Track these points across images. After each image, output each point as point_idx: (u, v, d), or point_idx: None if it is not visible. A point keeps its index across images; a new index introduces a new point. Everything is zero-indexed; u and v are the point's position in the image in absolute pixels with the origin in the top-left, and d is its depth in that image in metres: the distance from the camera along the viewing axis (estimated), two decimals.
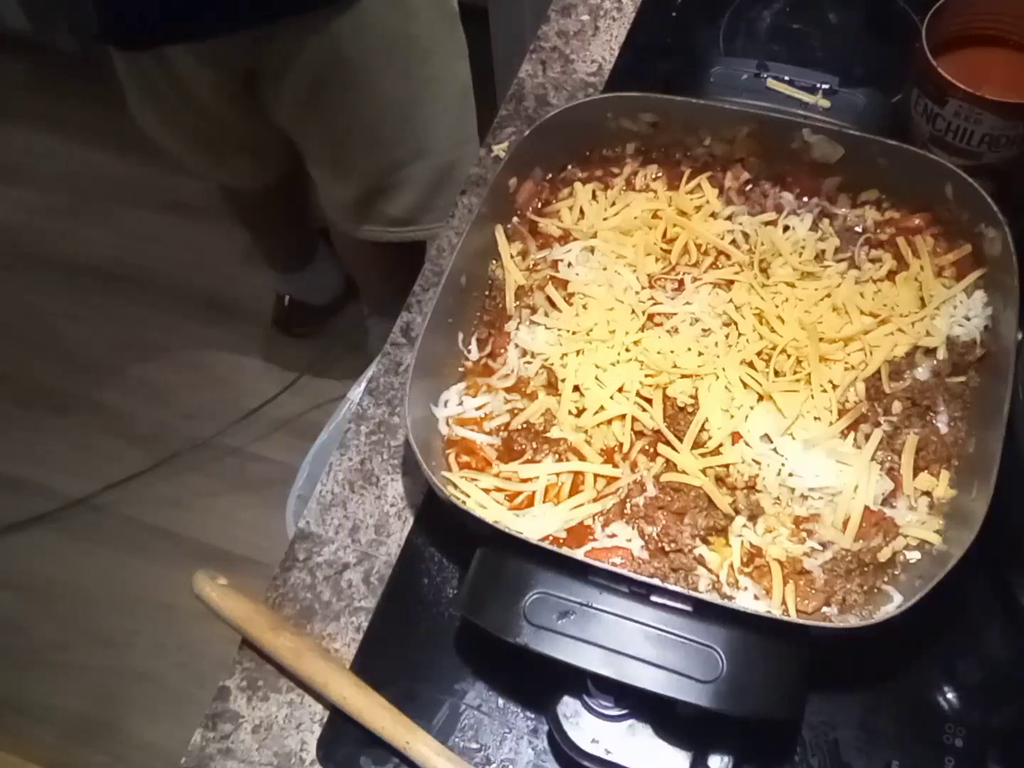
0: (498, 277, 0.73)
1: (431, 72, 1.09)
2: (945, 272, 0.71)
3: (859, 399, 0.66)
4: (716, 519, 0.62)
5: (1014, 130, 0.69)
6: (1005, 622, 0.64)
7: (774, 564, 0.60)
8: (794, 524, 0.62)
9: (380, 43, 1.03)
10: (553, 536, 0.62)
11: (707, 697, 0.53)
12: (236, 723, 0.64)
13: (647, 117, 0.74)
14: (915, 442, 0.64)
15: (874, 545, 0.61)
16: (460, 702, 0.63)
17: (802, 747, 0.61)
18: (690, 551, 0.61)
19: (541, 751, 0.62)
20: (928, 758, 0.60)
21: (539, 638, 0.55)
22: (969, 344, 0.67)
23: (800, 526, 0.62)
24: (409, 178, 1.16)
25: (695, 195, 0.75)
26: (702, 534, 0.62)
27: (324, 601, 0.68)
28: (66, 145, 2.06)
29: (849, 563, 0.60)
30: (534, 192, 0.76)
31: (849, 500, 0.62)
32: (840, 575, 0.60)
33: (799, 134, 0.71)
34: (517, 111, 0.89)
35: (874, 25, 0.90)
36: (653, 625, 0.54)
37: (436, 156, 1.15)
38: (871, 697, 0.62)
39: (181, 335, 1.87)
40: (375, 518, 0.71)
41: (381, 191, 1.18)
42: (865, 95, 0.74)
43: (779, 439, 0.64)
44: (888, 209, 0.73)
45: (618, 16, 0.94)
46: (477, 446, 0.67)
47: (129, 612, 1.61)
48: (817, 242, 0.72)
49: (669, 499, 0.63)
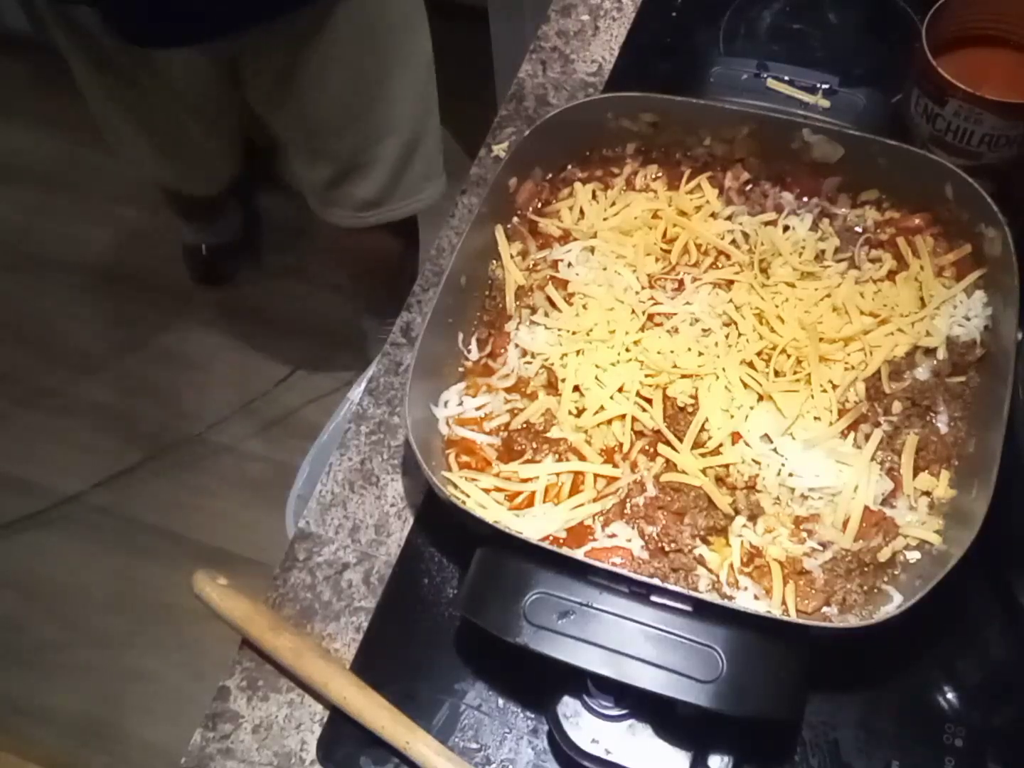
0: (498, 277, 0.73)
1: (399, 47, 1.11)
2: (945, 272, 0.71)
3: (859, 399, 0.66)
4: (716, 519, 0.62)
5: (1014, 130, 0.69)
6: (1005, 622, 0.64)
7: (774, 564, 0.60)
8: (794, 524, 0.62)
9: (354, 20, 1.04)
10: (553, 536, 0.62)
11: (707, 697, 0.53)
12: (236, 723, 0.64)
13: (647, 117, 0.74)
14: (915, 442, 0.64)
15: (874, 545, 0.61)
16: (460, 702, 0.63)
17: (802, 747, 0.61)
18: (690, 551, 0.61)
19: (541, 751, 0.62)
20: (928, 758, 0.60)
21: (539, 638, 0.55)
22: (969, 344, 0.67)
23: (800, 526, 0.62)
24: (379, 156, 1.18)
25: (695, 195, 0.75)
26: (702, 534, 0.62)
27: (324, 601, 0.68)
28: (66, 145, 2.06)
29: (849, 563, 0.60)
30: (534, 192, 0.76)
31: (849, 500, 0.62)
32: (840, 575, 0.60)
33: (799, 134, 0.71)
34: (517, 111, 0.89)
35: (874, 25, 0.90)
36: (653, 625, 0.54)
37: (404, 132, 1.17)
38: (871, 697, 0.62)
39: (181, 335, 1.87)
40: (375, 518, 0.71)
41: (354, 170, 1.19)
42: (865, 95, 0.74)
43: (779, 439, 0.64)
44: (888, 209, 0.73)
45: (618, 16, 0.94)
46: (477, 446, 0.67)
47: (129, 612, 1.61)
48: (817, 242, 0.72)
49: (669, 499, 0.63)
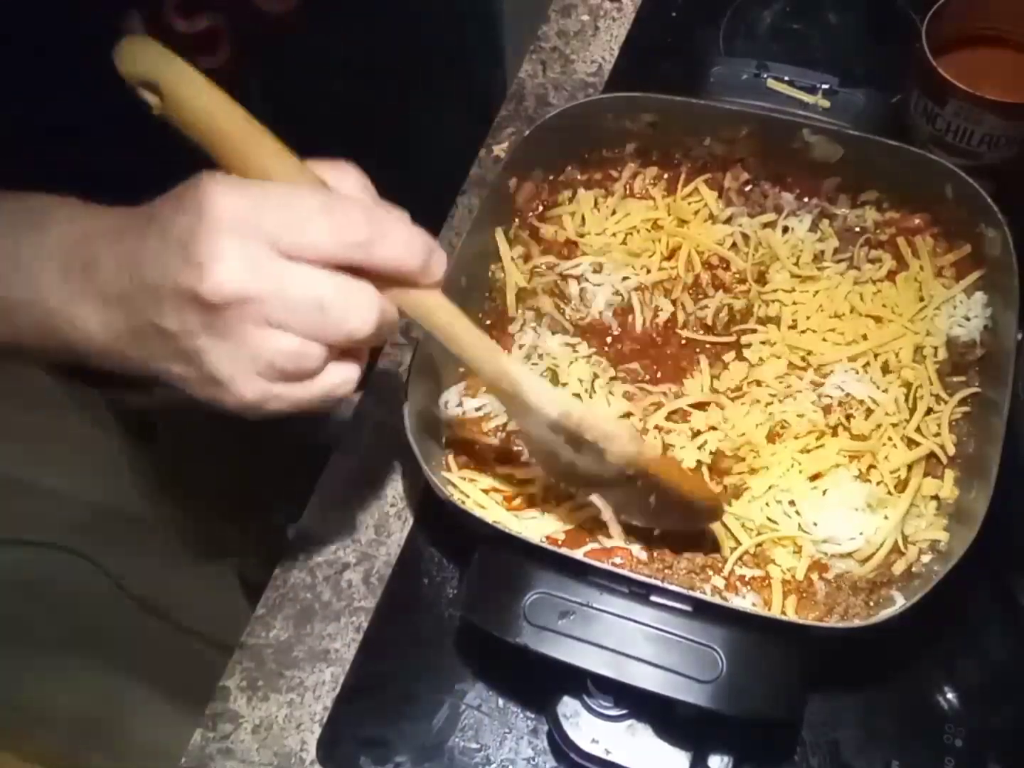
0: (499, 279, 0.73)
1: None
2: (945, 272, 0.70)
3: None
4: (716, 560, 0.61)
5: (1014, 130, 0.69)
6: (1005, 622, 0.64)
7: (775, 582, 0.60)
8: (809, 567, 0.61)
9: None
10: (552, 537, 0.62)
11: (707, 697, 0.53)
12: (236, 723, 0.64)
13: (647, 117, 0.74)
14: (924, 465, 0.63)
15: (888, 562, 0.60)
16: (460, 702, 0.63)
17: (802, 747, 0.61)
18: (686, 572, 0.61)
19: (541, 751, 0.62)
20: (928, 758, 0.60)
21: (539, 638, 0.55)
22: (969, 344, 0.67)
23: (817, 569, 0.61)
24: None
25: (692, 198, 0.75)
26: (697, 570, 0.61)
27: (324, 601, 0.68)
28: None
29: (857, 582, 0.60)
30: (534, 193, 0.75)
31: (875, 548, 0.60)
32: (845, 591, 0.59)
33: (799, 134, 0.71)
34: (517, 111, 0.89)
35: (874, 25, 0.90)
36: (653, 625, 0.54)
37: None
38: (871, 697, 0.62)
39: None
40: (375, 518, 0.71)
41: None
42: (865, 95, 0.74)
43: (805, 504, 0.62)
44: (888, 209, 0.73)
45: (618, 16, 0.94)
46: (477, 447, 0.67)
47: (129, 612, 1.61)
48: (816, 243, 0.72)
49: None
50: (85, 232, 0.47)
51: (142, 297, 0.44)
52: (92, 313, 0.46)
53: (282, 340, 0.43)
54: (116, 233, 0.46)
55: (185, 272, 0.42)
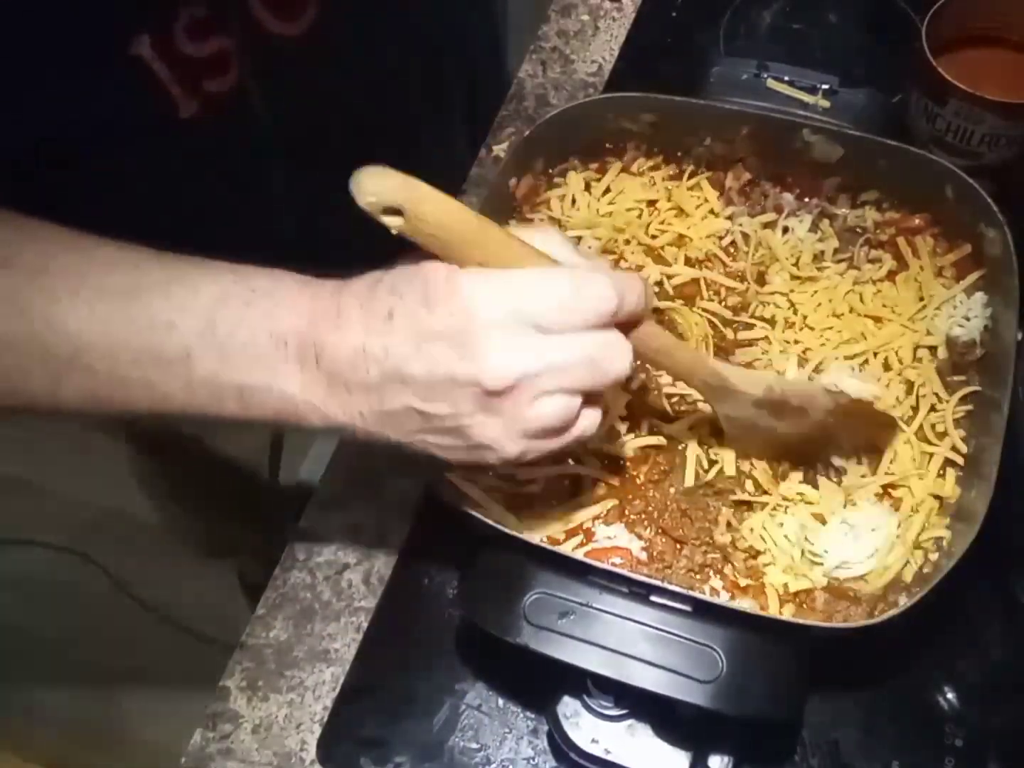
0: None
1: None
2: (945, 272, 0.70)
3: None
4: (716, 562, 0.61)
5: (1014, 130, 0.69)
6: (1005, 622, 0.64)
7: (770, 589, 0.60)
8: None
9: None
10: (552, 537, 0.62)
11: (707, 697, 0.53)
12: (236, 723, 0.64)
13: (647, 117, 0.74)
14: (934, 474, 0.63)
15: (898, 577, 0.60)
16: (460, 702, 0.63)
17: (802, 747, 0.61)
18: (686, 572, 0.61)
19: (541, 751, 0.62)
20: (928, 758, 0.60)
21: (539, 638, 0.54)
22: (969, 344, 0.67)
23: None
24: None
25: (694, 192, 0.75)
26: (696, 569, 0.61)
27: (324, 601, 0.68)
28: None
29: (860, 596, 0.59)
30: (533, 187, 0.75)
31: (886, 568, 0.60)
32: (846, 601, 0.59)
33: (799, 134, 0.71)
34: (517, 111, 0.89)
35: (874, 25, 0.90)
36: (653, 625, 0.54)
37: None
38: (871, 697, 0.62)
39: None
40: (375, 518, 0.71)
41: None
42: (865, 95, 0.74)
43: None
44: (888, 209, 0.73)
45: (618, 16, 0.94)
46: None
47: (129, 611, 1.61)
48: (816, 243, 0.72)
49: (672, 523, 0.62)
50: (312, 318, 0.47)
51: (395, 387, 0.46)
52: (329, 397, 0.48)
53: (549, 405, 0.46)
54: (336, 318, 0.47)
55: (463, 365, 0.45)
